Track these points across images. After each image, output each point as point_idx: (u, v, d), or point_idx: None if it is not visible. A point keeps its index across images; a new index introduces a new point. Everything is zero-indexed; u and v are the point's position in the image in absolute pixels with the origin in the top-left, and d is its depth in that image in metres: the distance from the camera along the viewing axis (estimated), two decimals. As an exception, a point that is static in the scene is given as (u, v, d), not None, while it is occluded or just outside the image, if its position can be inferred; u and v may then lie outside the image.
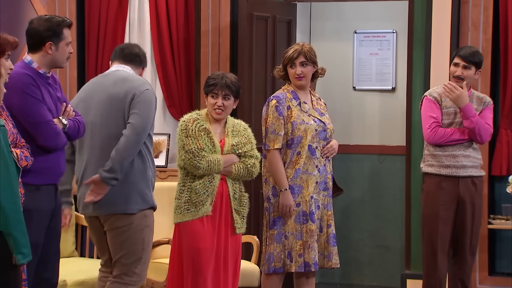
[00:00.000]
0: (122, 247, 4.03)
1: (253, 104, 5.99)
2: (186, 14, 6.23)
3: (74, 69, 6.21)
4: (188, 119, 4.35)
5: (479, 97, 5.03)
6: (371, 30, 6.64)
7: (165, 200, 5.04)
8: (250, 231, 5.76)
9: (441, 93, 4.98)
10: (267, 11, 6.12)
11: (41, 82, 3.77)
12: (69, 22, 3.84)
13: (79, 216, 5.25)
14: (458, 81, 4.90)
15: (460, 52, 4.95)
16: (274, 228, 4.59)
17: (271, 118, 4.57)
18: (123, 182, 3.97)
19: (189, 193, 4.32)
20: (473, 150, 4.95)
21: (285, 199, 4.55)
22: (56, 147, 3.77)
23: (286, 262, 4.58)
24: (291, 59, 4.64)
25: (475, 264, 5.72)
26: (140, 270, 4.00)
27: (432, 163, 4.96)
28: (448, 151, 4.91)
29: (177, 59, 6.24)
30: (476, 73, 4.93)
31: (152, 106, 4.02)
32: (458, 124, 4.92)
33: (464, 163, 4.91)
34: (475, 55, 4.93)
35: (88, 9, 6.27)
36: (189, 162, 4.28)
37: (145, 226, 4.01)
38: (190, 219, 4.30)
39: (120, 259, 4.03)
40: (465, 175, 4.91)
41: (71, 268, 4.87)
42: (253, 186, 5.73)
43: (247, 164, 4.41)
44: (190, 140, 4.30)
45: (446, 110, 4.95)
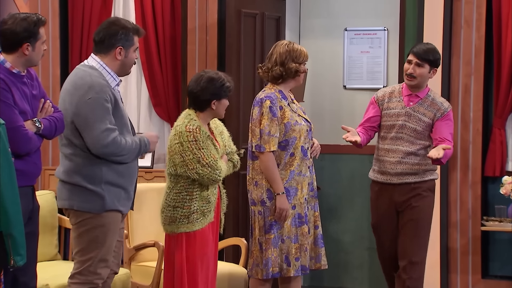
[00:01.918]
0: (76, 244, 4.06)
1: (241, 103, 5.99)
2: (172, 11, 6.22)
3: (57, 67, 6.20)
4: (193, 129, 4.31)
5: (435, 102, 4.82)
6: (361, 27, 6.65)
7: (151, 202, 5.04)
8: (238, 233, 5.76)
9: (389, 93, 4.83)
10: (256, 8, 6.12)
11: (13, 83, 3.77)
12: (44, 21, 3.86)
13: (62, 219, 5.24)
14: (410, 79, 4.77)
15: (414, 48, 4.80)
16: (271, 232, 4.58)
17: (266, 119, 4.54)
18: (72, 176, 3.99)
19: (198, 202, 4.34)
20: (415, 156, 4.77)
21: (282, 203, 4.54)
22: (28, 152, 3.78)
23: (283, 266, 4.58)
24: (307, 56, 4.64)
25: (467, 267, 5.75)
26: (95, 268, 4.00)
27: (374, 168, 4.89)
28: (387, 156, 4.79)
29: (163, 57, 6.23)
30: (431, 71, 4.78)
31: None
32: (399, 126, 4.78)
33: (399, 170, 4.78)
34: (430, 52, 4.76)
35: (72, 6, 6.25)
36: (208, 176, 4.29)
37: (99, 226, 4.00)
38: (200, 227, 4.35)
39: (75, 255, 4.08)
40: (400, 182, 4.78)
41: (53, 271, 4.86)
42: (241, 187, 5.73)
43: (234, 161, 4.54)
44: (205, 152, 4.29)
45: (388, 112, 4.83)
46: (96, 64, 4.04)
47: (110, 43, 4.04)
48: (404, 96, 4.83)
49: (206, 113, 4.41)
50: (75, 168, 3.99)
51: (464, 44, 5.77)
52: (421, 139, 4.80)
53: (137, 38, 4.11)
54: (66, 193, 4.03)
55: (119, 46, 4.04)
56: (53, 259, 5.19)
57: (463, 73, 5.79)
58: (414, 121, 4.78)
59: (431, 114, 4.78)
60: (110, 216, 4.02)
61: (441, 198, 5.79)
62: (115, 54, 4.04)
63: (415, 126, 4.78)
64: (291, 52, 4.59)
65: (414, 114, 4.79)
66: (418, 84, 4.80)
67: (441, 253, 5.79)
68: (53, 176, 5.96)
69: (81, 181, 3.98)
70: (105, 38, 4.04)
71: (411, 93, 4.83)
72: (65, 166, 4.03)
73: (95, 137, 3.93)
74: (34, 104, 3.88)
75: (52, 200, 5.20)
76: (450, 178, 5.81)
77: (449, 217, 5.80)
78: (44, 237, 4.96)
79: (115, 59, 4.05)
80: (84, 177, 3.98)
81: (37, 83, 3.95)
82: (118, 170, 4.03)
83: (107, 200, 3.99)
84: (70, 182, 4.01)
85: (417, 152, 4.77)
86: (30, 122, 3.81)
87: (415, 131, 4.78)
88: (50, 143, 6.05)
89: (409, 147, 4.76)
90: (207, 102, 4.38)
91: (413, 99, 4.82)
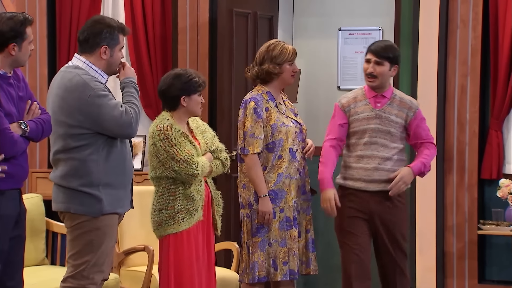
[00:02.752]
0: (71, 247, 4.05)
1: (232, 104, 5.99)
2: (163, 10, 6.21)
3: (45, 67, 6.18)
4: (164, 127, 4.33)
5: (404, 101, 4.66)
6: (356, 27, 6.65)
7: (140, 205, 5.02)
8: (230, 237, 5.75)
9: (353, 98, 4.66)
10: (248, 7, 6.12)
11: None
12: (31, 20, 3.83)
13: (50, 222, 5.22)
14: (371, 79, 4.61)
15: (372, 46, 4.63)
16: (258, 236, 4.58)
17: (250, 121, 4.55)
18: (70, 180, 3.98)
19: (182, 201, 4.34)
20: (390, 161, 4.60)
21: (264, 206, 4.54)
22: (13, 155, 3.76)
23: (270, 270, 4.57)
24: (294, 55, 4.61)
25: (464, 271, 5.75)
26: (89, 273, 3.99)
27: (344, 176, 4.67)
28: (361, 163, 4.60)
29: (153, 57, 6.22)
30: (392, 69, 4.60)
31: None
32: (372, 130, 4.59)
33: (376, 177, 4.59)
34: (388, 49, 4.60)
35: (60, 5, 6.24)
36: (184, 172, 4.29)
37: (94, 229, 3.99)
38: (186, 227, 4.34)
39: (68, 259, 4.06)
40: (378, 190, 4.59)
41: (41, 276, 4.84)
42: (233, 190, 5.72)
43: (222, 159, 4.52)
44: (178, 148, 4.30)
45: (356, 117, 4.63)
46: (82, 64, 4.03)
47: (95, 42, 4.02)
48: (370, 98, 4.63)
49: (180, 112, 4.41)
50: (72, 173, 3.98)
51: (460, 44, 5.77)
52: (395, 142, 4.61)
53: (122, 37, 4.09)
54: (62, 196, 4.01)
55: (104, 45, 4.02)
56: (40, 264, 5.17)
57: (459, 73, 5.79)
58: (387, 123, 4.60)
59: (402, 114, 4.62)
60: (106, 219, 4.02)
61: (437, 201, 5.79)
62: (100, 53, 4.02)
63: (389, 128, 4.60)
64: (270, 52, 4.59)
65: (385, 115, 4.60)
66: (380, 84, 4.61)
67: (437, 257, 5.79)
68: (40, 179, 5.95)
69: (78, 185, 3.97)
70: (90, 37, 4.02)
71: (376, 94, 4.63)
72: (61, 170, 4.02)
73: (118, 127, 3.96)
74: (21, 106, 3.86)
75: (40, 203, 5.19)
76: (446, 180, 5.81)
77: (445, 220, 5.80)
78: (32, 242, 4.95)
79: (100, 59, 4.03)
80: (81, 181, 3.97)
81: (24, 84, 3.92)
82: (115, 169, 4.02)
83: (104, 203, 3.99)
84: (67, 186, 3.99)
85: (392, 157, 4.60)
86: (16, 124, 3.79)
87: (389, 134, 4.60)
88: (37, 145, 6.03)
89: (385, 152, 4.59)
90: (176, 99, 4.39)
91: (380, 100, 4.63)
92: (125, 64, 4.13)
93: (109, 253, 4.12)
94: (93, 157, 3.96)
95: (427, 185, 5.78)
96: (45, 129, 3.90)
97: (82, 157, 3.96)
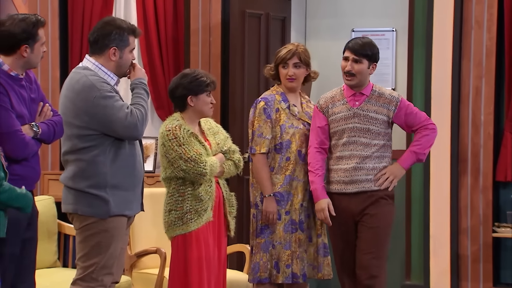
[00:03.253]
0: (79, 249, 4.07)
1: (245, 105, 6.00)
2: (175, 11, 6.23)
3: (57, 69, 6.21)
4: (172, 127, 4.36)
5: (383, 96, 4.54)
6: (369, 28, 6.63)
7: (153, 207, 5.04)
8: (242, 239, 5.76)
9: (331, 98, 4.56)
10: (260, 8, 6.13)
11: (11, 86, 3.77)
12: (43, 22, 3.85)
13: (62, 225, 5.24)
14: (349, 78, 4.50)
15: (349, 43, 4.53)
16: (262, 237, 4.61)
17: (259, 121, 4.60)
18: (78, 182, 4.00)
19: (191, 201, 4.36)
20: (370, 160, 4.50)
21: (268, 206, 4.57)
22: (25, 157, 3.78)
23: (272, 272, 4.59)
24: (284, 59, 4.65)
25: (478, 274, 5.74)
26: (98, 275, 4.01)
27: (327, 180, 4.59)
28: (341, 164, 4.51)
29: (166, 58, 6.24)
30: (370, 67, 4.50)
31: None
32: (351, 130, 4.50)
33: (354, 177, 4.49)
34: (366, 46, 4.49)
35: (72, 6, 6.26)
36: (192, 171, 4.31)
37: (102, 231, 4.01)
38: (195, 228, 4.36)
39: (77, 261, 4.08)
40: (356, 191, 4.48)
41: (53, 279, 4.86)
42: (245, 191, 5.73)
43: (235, 160, 4.52)
44: (186, 148, 4.32)
45: (334, 117, 4.53)
46: (91, 65, 4.05)
47: (104, 43, 4.03)
48: (348, 97, 4.54)
49: (189, 112, 4.44)
50: (79, 174, 4.00)
51: (474, 45, 5.77)
52: (376, 139, 4.50)
53: (133, 38, 4.10)
54: (71, 197, 4.04)
55: (113, 47, 4.03)
56: (52, 266, 5.19)
57: (473, 75, 5.78)
58: (366, 121, 4.49)
59: (383, 110, 4.51)
60: (114, 221, 4.03)
61: (451, 203, 5.79)
62: (109, 54, 4.03)
63: (368, 126, 4.49)
64: (276, 54, 4.71)
65: (363, 113, 4.50)
66: (359, 83, 4.51)
67: (451, 260, 5.78)
68: (52, 181, 5.99)
69: (86, 187, 3.99)
70: (99, 39, 4.04)
71: (354, 92, 4.54)
72: (69, 172, 4.04)
73: (124, 128, 3.96)
74: (33, 108, 3.88)
75: (52, 205, 5.21)
76: (460, 183, 5.81)
77: (460, 223, 5.80)
78: (43, 244, 4.96)
79: (110, 60, 4.04)
80: (88, 182, 3.99)
81: (36, 86, 3.95)
82: (124, 171, 4.03)
83: (112, 204, 4.00)
84: (75, 187, 4.02)
85: (372, 155, 4.49)
86: (27, 126, 3.81)
87: (369, 131, 4.49)
88: (49, 147, 6.06)
89: (364, 151, 4.48)
90: (183, 98, 4.42)
91: (358, 98, 4.53)
92: (135, 65, 4.14)
93: (121, 255, 4.14)
94: (100, 159, 3.98)
95: (441, 187, 5.79)
96: (57, 131, 3.92)
97: (89, 158, 3.98)
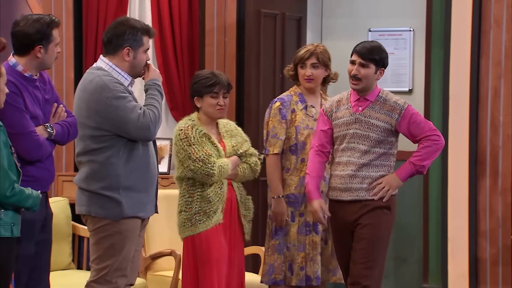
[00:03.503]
0: (93, 251, 4.07)
1: (260, 106, 5.99)
2: (190, 11, 6.23)
3: (71, 70, 6.22)
4: (185, 127, 4.37)
5: (388, 103, 4.40)
6: (386, 28, 6.62)
7: (167, 209, 5.03)
8: (257, 242, 5.75)
9: (336, 102, 4.44)
10: (276, 7, 6.12)
11: (25, 87, 3.77)
12: (58, 22, 3.86)
13: (77, 226, 5.24)
14: (355, 82, 4.38)
15: (357, 47, 4.43)
16: (276, 238, 4.62)
17: (273, 121, 4.61)
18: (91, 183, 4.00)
19: (200, 203, 4.36)
20: (367, 168, 4.35)
21: (277, 207, 4.58)
22: (39, 158, 3.78)
23: (287, 274, 4.58)
24: (302, 59, 4.65)
25: (497, 278, 5.70)
26: (112, 277, 4.00)
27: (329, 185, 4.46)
28: (338, 170, 4.38)
29: (180, 59, 6.24)
30: (378, 72, 4.39)
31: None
32: (351, 136, 4.36)
33: (349, 184, 4.36)
34: (375, 51, 4.38)
35: (86, 7, 6.28)
36: (200, 171, 4.30)
37: (116, 232, 4.00)
38: (204, 229, 4.35)
39: (91, 263, 4.08)
40: (351, 199, 4.35)
41: (67, 281, 4.87)
42: (260, 193, 5.71)
43: (251, 163, 4.49)
44: (195, 148, 4.32)
45: (337, 122, 4.41)
46: (105, 66, 4.04)
47: (117, 43, 4.03)
48: (352, 102, 4.41)
49: (201, 113, 4.45)
50: (92, 175, 4.00)
51: (493, 45, 5.74)
52: (376, 147, 4.34)
53: (147, 38, 4.09)
54: (85, 199, 4.04)
55: (126, 47, 4.02)
56: (67, 268, 5.20)
57: (492, 75, 5.75)
58: (366, 128, 4.35)
59: (386, 118, 4.36)
60: (128, 223, 4.02)
61: (470, 206, 5.76)
62: (122, 55, 4.03)
63: (368, 133, 4.34)
64: (295, 54, 4.74)
65: (365, 120, 4.36)
66: (364, 87, 4.38)
67: (469, 263, 5.76)
68: (66, 182, 5.99)
69: (99, 188, 3.99)
70: (113, 39, 4.04)
71: (359, 97, 4.41)
72: (82, 173, 4.04)
73: (136, 130, 3.95)
74: (47, 109, 3.88)
75: (66, 207, 5.22)
76: (479, 185, 5.78)
77: (478, 226, 5.77)
78: (58, 246, 4.96)
79: (123, 60, 4.04)
80: (101, 183, 3.99)
81: (50, 87, 3.95)
82: (137, 173, 4.03)
83: (125, 206, 3.99)
84: (88, 189, 4.01)
85: (370, 163, 4.34)
86: (41, 127, 3.81)
87: (369, 139, 4.34)
88: (63, 148, 6.06)
89: (362, 158, 4.33)
90: (192, 99, 4.45)
91: (362, 104, 4.39)
92: (150, 66, 4.13)
93: (135, 257, 4.13)
94: (113, 160, 3.97)
95: (460, 189, 5.76)
96: (71, 132, 3.92)
97: (102, 160, 3.98)
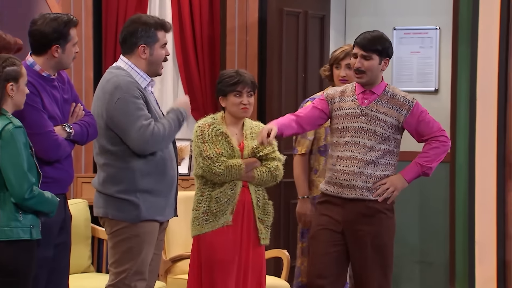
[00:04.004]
0: (111, 254, 4.05)
1: (282, 106, 5.97)
2: (211, 10, 6.23)
3: (91, 70, 6.22)
4: (203, 124, 4.35)
5: (396, 98, 4.24)
6: (412, 26, 6.60)
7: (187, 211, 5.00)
8: (280, 244, 5.71)
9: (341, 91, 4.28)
10: (298, 6, 6.11)
11: (43, 86, 3.76)
12: (76, 21, 3.83)
13: (96, 229, 5.23)
14: (359, 75, 4.21)
15: (357, 39, 4.25)
16: (303, 241, 4.66)
17: None
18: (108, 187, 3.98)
19: (207, 202, 4.31)
20: (373, 165, 4.19)
21: (301, 207, 4.60)
22: (58, 158, 3.76)
23: None
24: (336, 59, 4.67)
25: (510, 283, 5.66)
26: (130, 281, 3.97)
27: (325, 179, 4.31)
28: (340, 165, 4.21)
29: (201, 58, 6.23)
30: (382, 62, 4.21)
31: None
32: (355, 129, 4.20)
33: (353, 182, 4.19)
34: (376, 41, 4.21)
35: (106, 6, 6.28)
36: (207, 169, 4.26)
37: (134, 236, 3.97)
38: (210, 230, 4.30)
39: (110, 267, 4.05)
40: (353, 198, 4.18)
41: (86, 284, 4.86)
42: (282, 195, 5.68)
43: (270, 167, 4.34)
44: (208, 145, 4.28)
45: (340, 112, 4.24)
46: (124, 65, 4.02)
47: (132, 42, 4.00)
48: (358, 94, 4.24)
49: (227, 113, 4.40)
50: (109, 179, 3.98)
51: (522, 44, 5.70)
52: (382, 143, 4.19)
53: (163, 33, 4.04)
54: (102, 201, 4.02)
55: (141, 44, 3.99)
56: (86, 271, 5.20)
57: (521, 74, 5.71)
58: (373, 122, 4.19)
59: (394, 113, 4.21)
60: (146, 226, 3.99)
61: (497, 208, 5.72)
62: (139, 53, 4.00)
63: (374, 128, 4.19)
64: (331, 54, 4.79)
65: (371, 113, 4.20)
66: (369, 80, 4.21)
67: (497, 267, 5.73)
68: (86, 184, 5.98)
69: (116, 192, 3.97)
70: (127, 38, 4.02)
71: (364, 90, 4.24)
72: (99, 177, 4.03)
73: (134, 140, 3.91)
74: (65, 109, 3.87)
75: (85, 209, 5.20)
76: (506, 187, 5.73)
77: (506, 228, 5.73)
78: (77, 248, 4.95)
79: (140, 58, 4.00)
80: (118, 187, 3.96)
81: (69, 87, 3.94)
82: (154, 176, 4.00)
83: (142, 209, 3.97)
84: (105, 192, 4.00)
85: (376, 161, 4.19)
86: (60, 127, 3.80)
87: (375, 134, 4.19)
88: (83, 149, 6.06)
89: (367, 155, 4.17)
90: (217, 99, 4.42)
91: (368, 97, 4.22)
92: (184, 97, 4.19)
93: (155, 260, 4.10)
94: (129, 164, 3.95)
95: (487, 191, 5.73)
96: (90, 132, 3.90)
97: (118, 164, 3.96)
